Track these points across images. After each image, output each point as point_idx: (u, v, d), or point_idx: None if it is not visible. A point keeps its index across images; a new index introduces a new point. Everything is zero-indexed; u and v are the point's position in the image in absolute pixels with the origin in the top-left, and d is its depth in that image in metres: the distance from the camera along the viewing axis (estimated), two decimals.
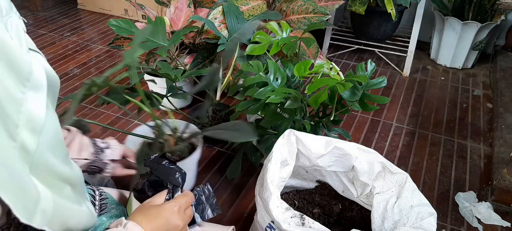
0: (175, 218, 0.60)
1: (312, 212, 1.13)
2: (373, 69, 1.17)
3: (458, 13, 2.13)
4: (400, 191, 0.90)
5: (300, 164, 1.01)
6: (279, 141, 0.94)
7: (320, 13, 1.56)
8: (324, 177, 1.11)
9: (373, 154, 0.97)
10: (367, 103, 1.12)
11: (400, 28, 2.36)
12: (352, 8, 2.00)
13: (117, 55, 2.30)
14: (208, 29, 1.53)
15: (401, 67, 2.20)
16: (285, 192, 1.19)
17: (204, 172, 1.46)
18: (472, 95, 1.99)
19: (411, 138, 1.67)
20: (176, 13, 1.64)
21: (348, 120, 1.77)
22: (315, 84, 1.03)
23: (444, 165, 1.52)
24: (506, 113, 1.71)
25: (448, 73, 2.20)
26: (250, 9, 1.55)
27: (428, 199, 0.89)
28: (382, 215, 0.89)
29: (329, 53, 2.37)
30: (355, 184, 1.02)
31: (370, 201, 0.96)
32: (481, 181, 1.44)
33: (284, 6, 1.65)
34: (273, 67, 1.16)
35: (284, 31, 1.37)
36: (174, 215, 0.60)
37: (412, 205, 0.87)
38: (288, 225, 0.81)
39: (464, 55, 2.17)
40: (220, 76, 1.18)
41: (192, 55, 1.72)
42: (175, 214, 0.61)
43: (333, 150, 0.96)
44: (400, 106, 1.88)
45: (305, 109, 1.19)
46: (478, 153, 1.59)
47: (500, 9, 2.04)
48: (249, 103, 1.15)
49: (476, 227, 1.26)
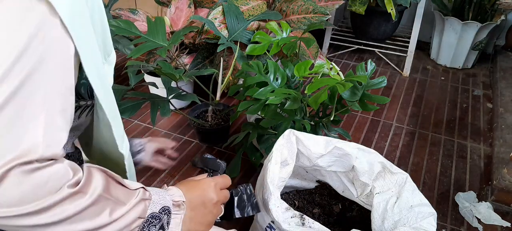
0: (211, 191, 0.67)
1: (312, 212, 1.13)
2: (373, 69, 1.17)
3: (458, 13, 2.13)
4: (400, 191, 0.90)
5: (300, 164, 1.01)
6: (279, 141, 0.94)
7: (320, 13, 1.56)
8: (324, 177, 1.11)
9: (373, 154, 0.97)
10: (367, 104, 1.12)
11: (400, 28, 2.36)
12: (352, 8, 2.00)
13: (117, 55, 2.30)
14: (208, 29, 1.53)
15: (401, 67, 2.20)
16: (285, 192, 1.19)
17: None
18: (472, 95, 1.99)
19: (411, 138, 1.67)
20: (176, 13, 1.64)
21: (348, 119, 1.77)
22: (315, 84, 1.03)
23: (444, 165, 1.52)
24: (506, 113, 1.71)
25: (448, 73, 2.20)
26: (250, 9, 1.55)
27: (428, 199, 0.89)
28: (382, 215, 0.89)
29: (329, 53, 2.37)
30: (355, 184, 1.02)
31: (370, 201, 0.96)
32: (481, 181, 1.44)
33: (284, 6, 1.65)
34: (273, 67, 1.16)
35: (284, 31, 1.37)
36: (210, 189, 0.67)
37: (412, 205, 0.87)
38: (288, 225, 0.81)
39: (464, 55, 2.17)
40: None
41: (192, 55, 1.72)
42: (212, 188, 0.67)
43: (333, 150, 0.96)
44: (400, 106, 1.88)
45: (305, 109, 1.19)
46: (478, 153, 1.59)
47: (500, 9, 2.04)
48: (249, 103, 1.15)
49: (476, 227, 1.26)
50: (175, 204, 0.61)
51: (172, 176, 1.45)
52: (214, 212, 0.68)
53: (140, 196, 0.54)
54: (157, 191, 0.59)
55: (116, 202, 0.50)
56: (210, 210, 0.67)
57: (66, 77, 0.46)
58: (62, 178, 0.44)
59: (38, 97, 0.42)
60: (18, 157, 0.40)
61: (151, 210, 0.55)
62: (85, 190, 0.47)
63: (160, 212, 0.57)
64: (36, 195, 0.42)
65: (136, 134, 1.67)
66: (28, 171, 0.41)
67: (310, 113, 1.25)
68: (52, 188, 0.43)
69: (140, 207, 0.53)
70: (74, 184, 0.46)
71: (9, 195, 0.40)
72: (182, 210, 0.61)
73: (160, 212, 0.57)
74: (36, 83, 0.42)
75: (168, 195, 0.60)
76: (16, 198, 0.40)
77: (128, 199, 0.52)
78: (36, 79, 0.42)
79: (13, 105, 0.40)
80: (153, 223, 0.55)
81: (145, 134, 1.67)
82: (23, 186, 0.41)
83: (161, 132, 1.68)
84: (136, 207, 0.53)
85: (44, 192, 0.42)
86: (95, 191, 0.47)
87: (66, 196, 0.44)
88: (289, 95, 1.08)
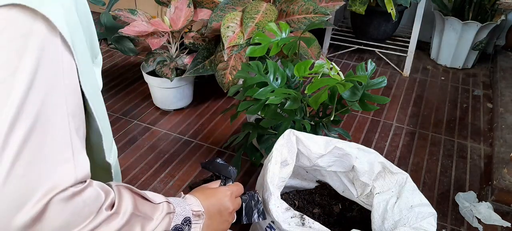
0: (227, 201, 0.70)
1: (312, 212, 1.13)
2: (373, 69, 1.17)
3: (458, 13, 2.12)
4: (400, 191, 0.90)
5: (300, 164, 1.01)
6: (279, 141, 0.94)
7: (320, 14, 1.55)
8: (324, 177, 1.11)
9: (373, 154, 0.97)
10: (367, 104, 1.12)
11: (400, 28, 2.36)
12: (352, 8, 2.00)
13: (117, 55, 2.30)
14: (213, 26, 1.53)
15: (401, 67, 2.20)
16: (285, 192, 1.19)
17: (204, 171, 1.46)
18: (472, 95, 1.99)
19: (411, 138, 1.67)
20: (176, 13, 1.64)
21: (348, 119, 1.77)
22: (315, 84, 1.03)
23: (444, 165, 1.52)
24: (506, 113, 1.71)
25: (448, 73, 2.20)
26: (264, 15, 1.54)
27: (428, 199, 0.89)
28: (382, 215, 0.89)
29: (329, 53, 2.37)
30: (355, 184, 1.02)
31: (370, 201, 0.96)
32: (481, 181, 1.44)
33: (284, 6, 1.65)
34: (272, 67, 1.16)
35: (283, 31, 1.37)
36: (226, 198, 0.70)
37: (412, 205, 0.87)
38: (288, 225, 0.81)
39: (464, 55, 2.17)
40: None
41: (192, 55, 1.72)
42: (228, 197, 0.70)
43: (333, 150, 0.96)
44: (400, 107, 1.88)
45: (305, 109, 1.19)
46: (478, 153, 1.59)
47: (500, 9, 2.04)
48: (249, 103, 1.15)
49: (476, 227, 1.26)
50: (195, 214, 0.63)
51: (172, 176, 1.45)
52: (229, 220, 0.71)
53: (165, 210, 0.55)
54: (178, 202, 0.61)
55: (144, 218, 0.51)
56: (225, 218, 0.70)
57: (76, 95, 0.45)
58: (96, 201, 0.44)
59: (56, 124, 0.41)
60: (54, 187, 0.39)
61: (175, 223, 0.57)
62: (118, 210, 0.47)
63: (182, 223, 0.59)
64: (76, 222, 0.41)
65: (136, 133, 1.67)
66: (67, 198, 0.40)
67: (310, 113, 1.25)
68: (89, 212, 0.43)
69: (165, 221, 0.55)
70: (109, 206, 0.46)
71: (53, 226, 0.39)
72: (201, 219, 0.64)
73: (182, 223, 0.59)
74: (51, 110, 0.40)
75: (187, 204, 0.62)
76: (59, 228, 0.40)
77: (155, 214, 0.53)
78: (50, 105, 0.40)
79: (37, 136, 0.39)
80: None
81: (145, 134, 1.67)
82: (64, 214, 0.40)
83: (161, 132, 1.68)
84: (162, 221, 0.54)
85: (82, 218, 0.42)
86: (127, 211, 0.48)
87: (105, 218, 0.44)
88: (289, 95, 1.08)
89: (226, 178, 0.78)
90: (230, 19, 1.54)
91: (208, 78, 1.97)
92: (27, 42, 0.39)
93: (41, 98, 0.39)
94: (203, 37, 1.70)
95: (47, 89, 0.40)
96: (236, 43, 1.49)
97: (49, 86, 0.40)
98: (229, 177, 0.78)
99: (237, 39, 1.50)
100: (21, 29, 0.39)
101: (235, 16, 1.57)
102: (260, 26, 1.51)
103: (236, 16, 1.57)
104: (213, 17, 1.60)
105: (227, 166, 0.79)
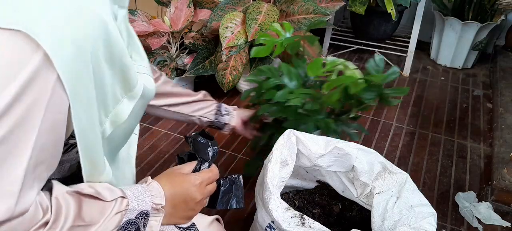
0: (195, 191, 0.65)
1: (312, 212, 1.13)
2: (381, 62, 1.16)
3: (458, 13, 2.13)
4: (400, 191, 0.90)
5: (300, 164, 1.01)
6: (279, 141, 0.94)
7: (320, 14, 1.56)
8: (324, 177, 1.11)
9: (373, 154, 0.97)
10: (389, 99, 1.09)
11: (400, 28, 2.36)
12: (352, 8, 2.00)
13: None
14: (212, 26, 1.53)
15: (401, 67, 2.20)
16: (285, 192, 1.19)
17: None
18: (472, 95, 1.99)
19: (411, 138, 1.67)
20: (176, 13, 1.64)
21: None
22: (332, 83, 1.03)
23: (444, 165, 1.52)
24: (506, 113, 1.71)
25: (448, 73, 2.20)
26: (266, 16, 1.54)
27: (428, 199, 0.89)
28: (382, 215, 0.89)
29: (329, 53, 2.37)
30: (355, 184, 1.02)
31: (370, 201, 0.96)
32: (481, 181, 1.44)
33: (284, 7, 1.65)
34: (286, 69, 1.16)
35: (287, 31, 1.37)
36: (194, 188, 0.65)
37: (412, 205, 0.87)
38: (288, 225, 0.82)
39: (464, 55, 2.17)
40: None
41: (192, 55, 1.72)
42: (196, 187, 0.66)
43: (333, 150, 0.96)
44: (400, 106, 1.88)
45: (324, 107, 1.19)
46: (478, 153, 1.59)
47: (500, 9, 2.04)
48: (270, 106, 1.15)
49: (476, 227, 1.26)
50: (155, 207, 0.60)
51: None
52: (197, 209, 0.67)
53: (115, 209, 0.53)
54: (137, 195, 0.58)
55: (88, 225, 0.50)
56: (191, 207, 0.66)
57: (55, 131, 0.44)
58: (29, 222, 0.44)
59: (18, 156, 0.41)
60: None
61: (127, 217, 0.55)
62: (55, 226, 0.46)
63: (137, 217, 0.56)
64: None
65: None
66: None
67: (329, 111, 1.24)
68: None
69: (115, 219, 0.53)
70: (43, 225, 0.45)
71: None
72: (161, 213, 0.60)
73: (137, 217, 0.56)
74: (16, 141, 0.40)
75: (148, 196, 0.59)
76: None
77: (103, 214, 0.52)
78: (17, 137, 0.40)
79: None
80: (127, 229, 0.55)
81: (145, 134, 1.67)
82: None
83: (161, 132, 1.68)
84: (110, 221, 0.52)
85: None
86: (66, 224, 0.47)
87: None
88: (309, 95, 1.08)
89: (202, 160, 0.71)
90: (229, 20, 1.54)
91: (208, 78, 1.97)
92: (20, 71, 0.38)
93: (10, 127, 0.39)
94: (203, 37, 1.70)
95: (20, 121, 0.40)
96: (235, 44, 1.49)
97: (23, 118, 0.40)
98: (206, 160, 0.71)
99: (236, 40, 1.50)
100: (19, 56, 0.39)
101: (234, 16, 1.57)
102: (263, 27, 1.51)
103: (235, 16, 1.57)
104: (213, 17, 1.60)
105: (207, 145, 0.71)
